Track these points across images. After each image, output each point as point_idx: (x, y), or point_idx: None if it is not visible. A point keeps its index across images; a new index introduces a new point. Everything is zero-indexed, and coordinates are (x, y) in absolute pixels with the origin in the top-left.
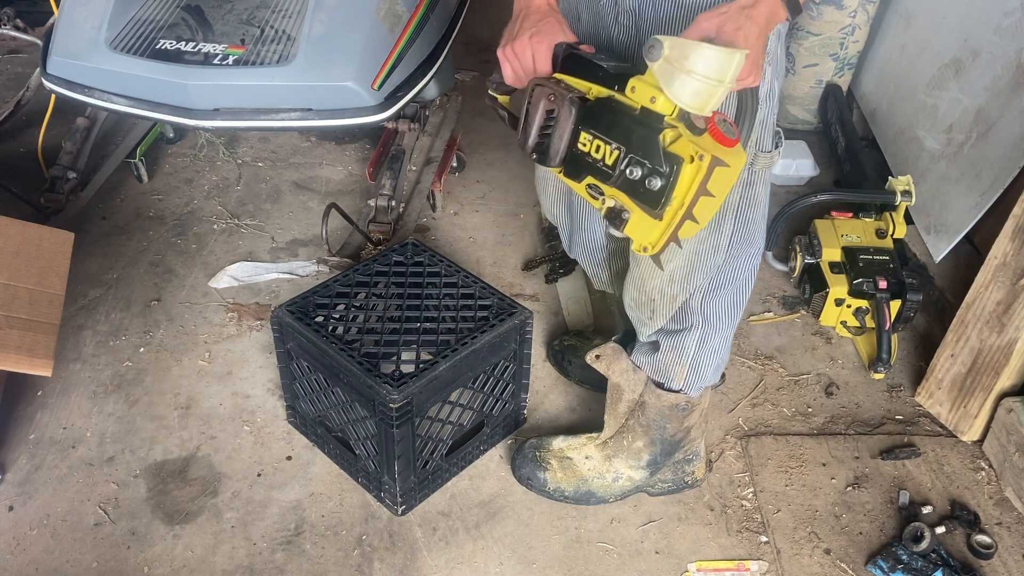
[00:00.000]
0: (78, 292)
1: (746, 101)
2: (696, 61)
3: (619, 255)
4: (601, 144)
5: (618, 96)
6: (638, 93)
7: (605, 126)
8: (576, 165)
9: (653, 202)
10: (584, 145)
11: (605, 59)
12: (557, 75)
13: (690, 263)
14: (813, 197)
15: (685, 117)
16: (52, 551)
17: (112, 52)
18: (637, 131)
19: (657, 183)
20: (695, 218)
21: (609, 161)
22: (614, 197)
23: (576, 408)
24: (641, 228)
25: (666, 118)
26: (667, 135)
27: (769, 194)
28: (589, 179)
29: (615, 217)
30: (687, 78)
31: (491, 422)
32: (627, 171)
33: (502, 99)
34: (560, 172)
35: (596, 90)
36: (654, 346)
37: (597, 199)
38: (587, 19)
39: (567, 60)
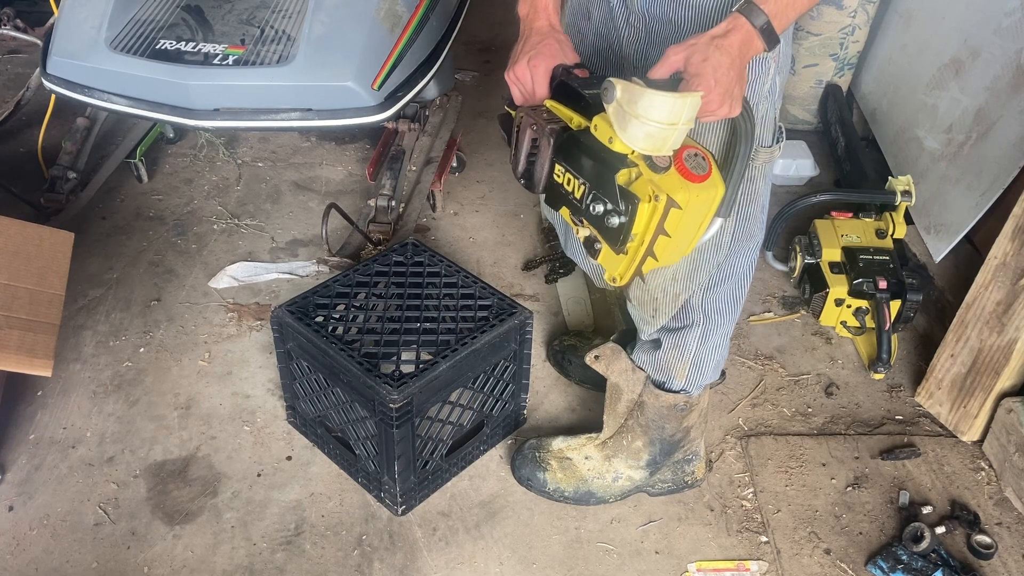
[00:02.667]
0: (78, 292)
1: (740, 126)
2: (645, 107)
3: None
4: (571, 178)
5: (593, 130)
6: (600, 131)
7: (575, 160)
8: (554, 195)
9: (614, 239)
10: (559, 177)
11: (594, 83)
12: (548, 102)
13: (693, 261)
14: (813, 197)
15: (647, 156)
16: (52, 551)
17: (112, 52)
18: (600, 168)
19: (615, 221)
20: (655, 255)
21: (577, 195)
22: (588, 227)
23: (576, 408)
24: (610, 260)
25: (628, 156)
26: (630, 173)
27: (770, 189)
28: (564, 209)
29: (590, 246)
30: (638, 123)
31: (491, 422)
32: (591, 207)
33: (516, 114)
34: (544, 199)
35: (577, 120)
36: (655, 344)
37: (577, 226)
38: (598, 17)
39: (559, 86)
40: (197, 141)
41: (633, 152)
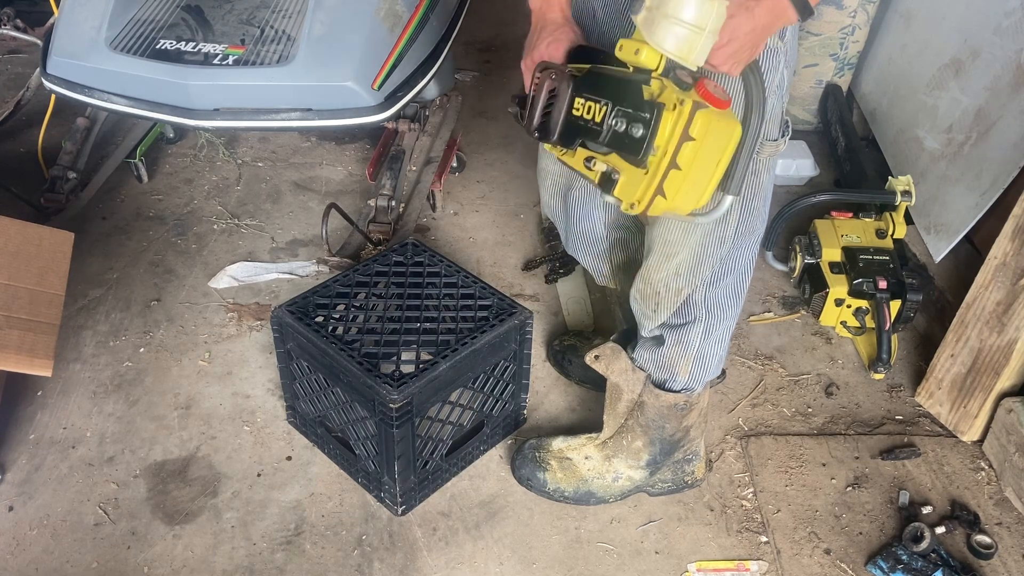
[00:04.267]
0: (78, 292)
1: (752, 92)
2: (675, 6)
3: (620, 247)
4: (592, 104)
5: (613, 65)
6: (625, 51)
7: (597, 88)
8: (570, 133)
9: (636, 149)
10: (577, 110)
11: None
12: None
13: (696, 256)
14: (813, 197)
15: (671, 73)
16: (52, 551)
17: (112, 52)
18: (624, 86)
19: (639, 131)
20: (678, 165)
21: (598, 118)
22: (605, 161)
23: (576, 408)
24: (629, 186)
25: (652, 73)
26: (653, 87)
27: (773, 183)
28: (581, 148)
29: (606, 181)
30: (667, 23)
31: (491, 422)
32: (614, 123)
33: (533, 76)
34: (558, 149)
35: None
36: (657, 341)
37: (591, 170)
38: (603, 18)
39: (576, 50)
40: (197, 141)
41: (657, 69)
